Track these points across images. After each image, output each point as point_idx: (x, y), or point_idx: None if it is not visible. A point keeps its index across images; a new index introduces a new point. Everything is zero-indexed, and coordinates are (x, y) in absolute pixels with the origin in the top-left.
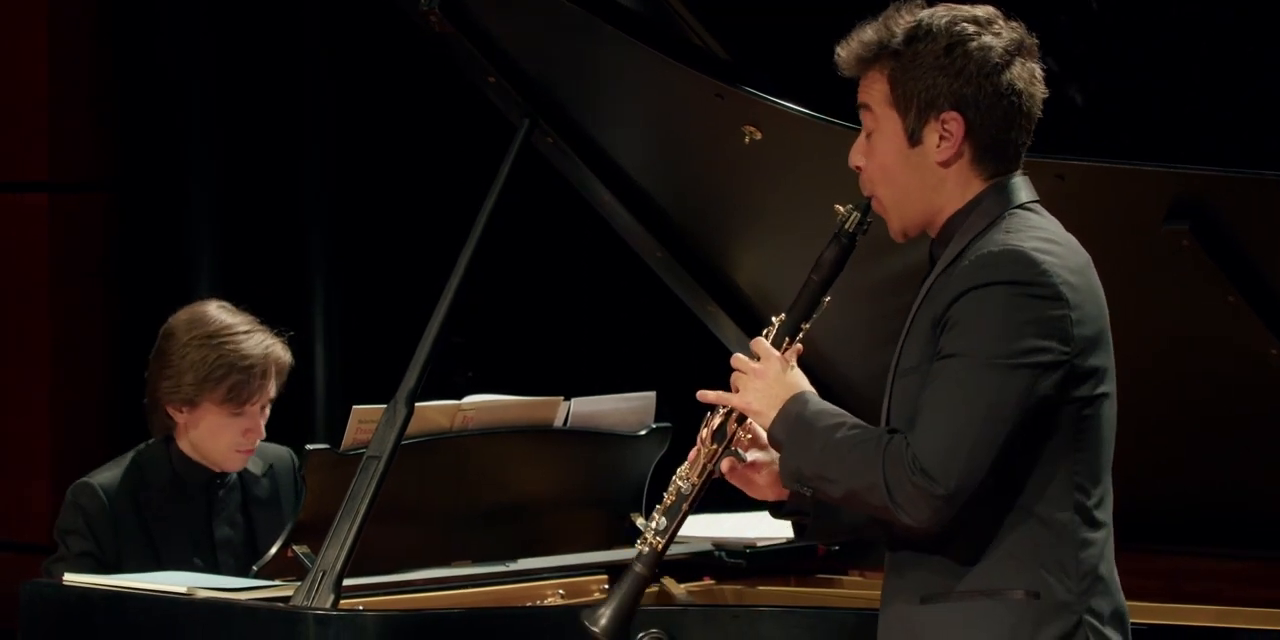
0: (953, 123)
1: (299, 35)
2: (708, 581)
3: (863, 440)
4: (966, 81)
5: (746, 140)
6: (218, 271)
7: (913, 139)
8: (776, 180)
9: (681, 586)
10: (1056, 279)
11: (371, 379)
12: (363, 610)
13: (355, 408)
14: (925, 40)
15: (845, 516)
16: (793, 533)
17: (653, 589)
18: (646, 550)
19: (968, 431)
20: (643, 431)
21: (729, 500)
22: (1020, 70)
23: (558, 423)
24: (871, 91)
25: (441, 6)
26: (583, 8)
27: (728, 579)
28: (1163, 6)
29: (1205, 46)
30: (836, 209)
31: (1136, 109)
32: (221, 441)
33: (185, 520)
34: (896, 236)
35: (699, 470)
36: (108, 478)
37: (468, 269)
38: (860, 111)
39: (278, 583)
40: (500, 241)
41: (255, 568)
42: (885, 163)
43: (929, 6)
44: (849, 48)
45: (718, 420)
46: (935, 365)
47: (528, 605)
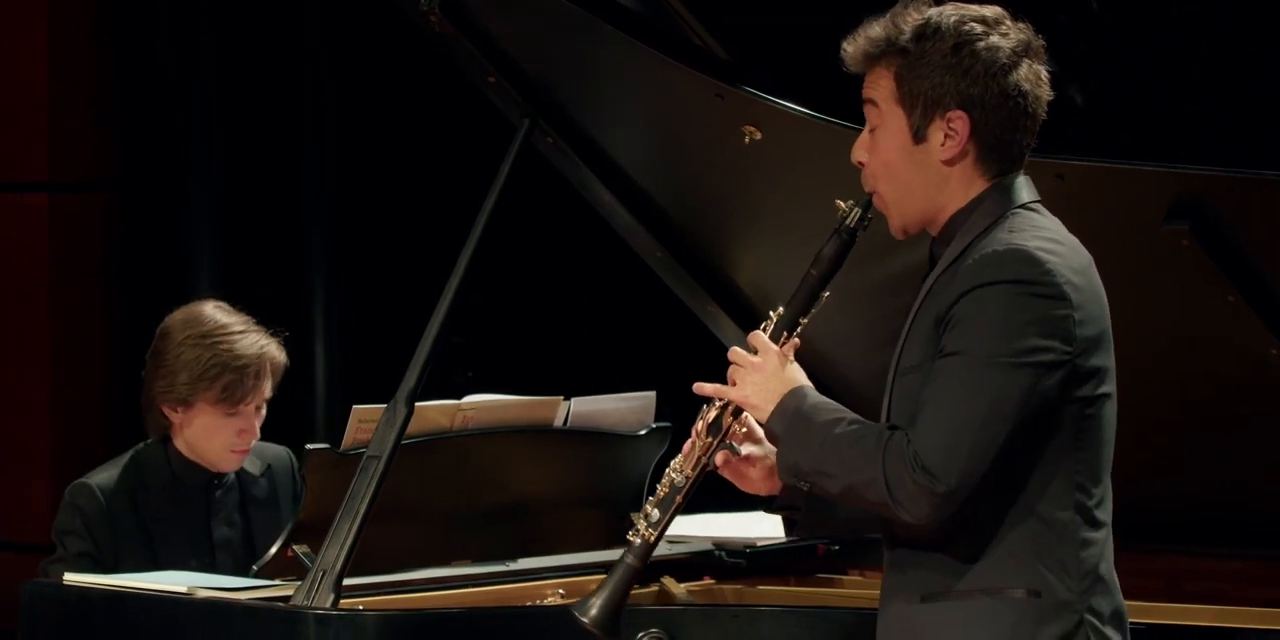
0: (958, 121)
1: (299, 35)
2: (708, 581)
3: (862, 436)
4: (973, 81)
5: (746, 140)
6: (218, 271)
7: (917, 136)
8: (776, 180)
9: (681, 586)
10: (1060, 279)
11: (371, 379)
12: (363, 610)
13: (355, 407)
14: (933, 39)
15: (837, 511)
16: (782, 527)
17: (653, 589)
18: (638, 542)
19: (969, 429)
20: (643, 431)
21: (723, 499)
22: (1027, 71)
23: (558, 422)
24: (877, 87)
25: (441, 6)
26: (583, 8)
27: (728, 579)
28: (1163, 6)
29: (1205, 46)
30: (837, 204)
31: (1136, 109)
32: (216, 441)
33: (183, 520)
34: (896, 233)
35: (693, 463)
36: (105, 478)
37: (468, 269)
38: (865, 107)
39: (278, 582)
40: (500, 241)
41: (255, 567)
42: (888, 159)
43: (937, 5)
44: (856, 43)
45: (713, 413)
46: (937, 363)
47: (528, 605)
